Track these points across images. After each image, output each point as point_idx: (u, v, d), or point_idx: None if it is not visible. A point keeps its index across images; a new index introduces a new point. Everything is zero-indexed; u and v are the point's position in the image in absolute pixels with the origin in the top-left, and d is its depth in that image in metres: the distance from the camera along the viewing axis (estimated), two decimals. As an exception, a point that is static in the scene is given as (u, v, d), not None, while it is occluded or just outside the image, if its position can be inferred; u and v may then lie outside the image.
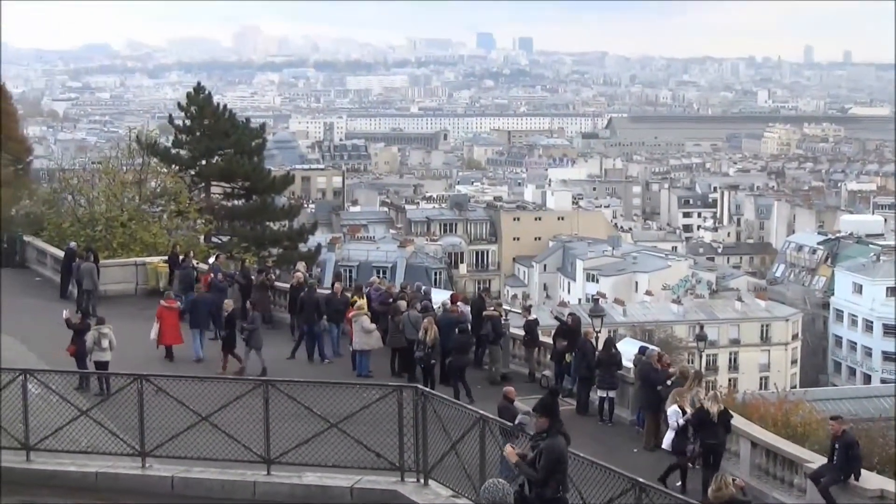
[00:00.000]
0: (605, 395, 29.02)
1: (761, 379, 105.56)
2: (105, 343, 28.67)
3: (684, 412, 24.35)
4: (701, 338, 65.11)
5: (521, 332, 33.58)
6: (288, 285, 38.65)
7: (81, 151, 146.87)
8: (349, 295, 35.70)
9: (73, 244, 44.31)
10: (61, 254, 44.69)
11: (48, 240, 49.90)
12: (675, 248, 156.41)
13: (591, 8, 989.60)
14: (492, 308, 33.75)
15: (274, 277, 41.37)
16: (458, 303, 34.00)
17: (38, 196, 57.26)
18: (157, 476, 20.34)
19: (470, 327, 32.41)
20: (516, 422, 19.75)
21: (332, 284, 37.68)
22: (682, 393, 24.64)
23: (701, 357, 70.43)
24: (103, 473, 20.49)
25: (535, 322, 34.04)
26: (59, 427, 20.69)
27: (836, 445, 22.00)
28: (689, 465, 24.77)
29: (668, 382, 26.13)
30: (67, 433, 20.73)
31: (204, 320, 33.81)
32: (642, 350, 29.19)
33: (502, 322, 33.08)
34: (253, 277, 39.88)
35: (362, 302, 33.57)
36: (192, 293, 36.32)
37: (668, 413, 24.27)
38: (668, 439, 24.21)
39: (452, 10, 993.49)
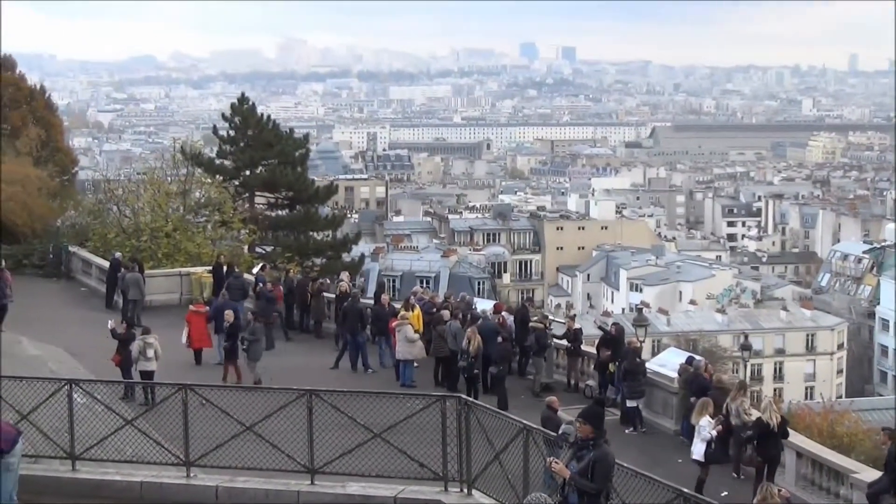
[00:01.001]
0: (633, 405, 29.00)
1: (806, 389, 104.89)
2: (150, 353, 28.80)
3: (725, 420, 24.36)
4: (745, 347, 64.72)
5: (564, 342, 33.49)
6: (333, 295, 38.76)
7: (126, 162, 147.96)
8: (396, 307, 35.65)
9: (118, 254, 44.46)
10: (106, 264, 44.88)
11: (93, 250, 50.14)
12: (720, 257, 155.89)
13: (635, 15, 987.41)
14: (536, 319, 33.69)
15: (329, 283, 41.48)
16: (502, 312, 33.96)
17: (83, 207, 57.54)
18: (202, 485, 20.36)
19: (514, 337, 32.43)
20: (560, 432, 19.68)
21: (378, 296, 37.10)
22: (708, 403, 24.50)
23: (745, 367, 69.90)
24: (148, 483, 20.55)
25: (580, 332, 33.96)
26: (104, 437, 20.77)
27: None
28: (734, 474, 24.72)
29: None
30: (113, 443, 20.79)
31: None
32: (689, 360, 29.01)
33: (547, 334, 32.99)
34: (293, 288, 40.11)
35: (410, 314, 33.31)
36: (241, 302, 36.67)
37: (700, 424, 24.11)
38: (698, 450, 24.05)
39: (496, 21, 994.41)
